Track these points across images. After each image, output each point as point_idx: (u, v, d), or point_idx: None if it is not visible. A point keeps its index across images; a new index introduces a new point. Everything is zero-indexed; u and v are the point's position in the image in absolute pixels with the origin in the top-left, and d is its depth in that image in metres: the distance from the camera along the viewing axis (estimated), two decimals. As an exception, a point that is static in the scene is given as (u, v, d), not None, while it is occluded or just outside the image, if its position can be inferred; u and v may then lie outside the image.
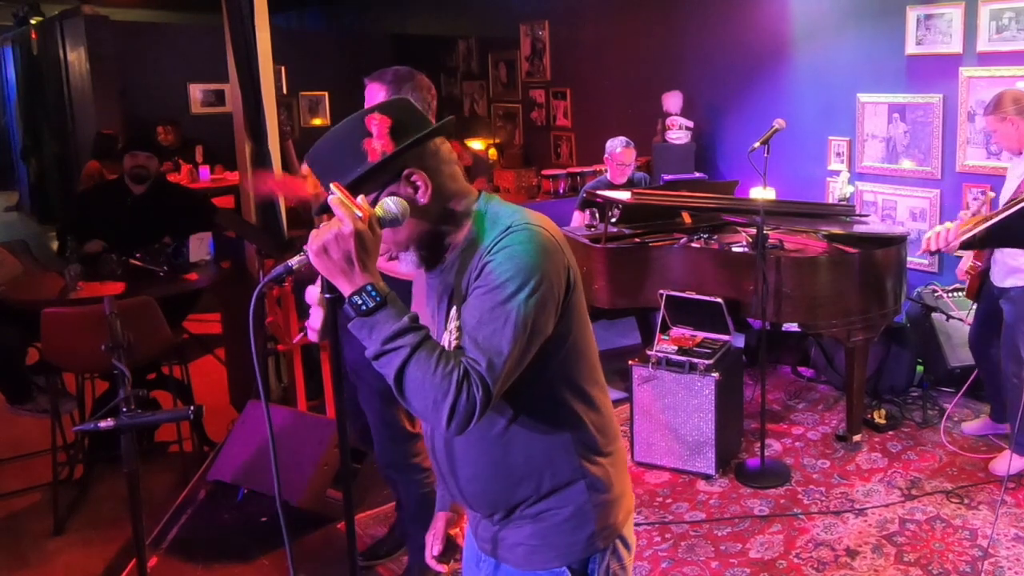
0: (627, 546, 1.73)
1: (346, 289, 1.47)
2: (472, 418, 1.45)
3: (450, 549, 1.86)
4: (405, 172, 1.55)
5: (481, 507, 1.70)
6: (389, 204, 1.52)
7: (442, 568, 1.86)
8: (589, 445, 1.65)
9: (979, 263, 3.98)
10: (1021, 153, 3.89)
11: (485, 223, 1.58)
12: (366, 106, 2.88)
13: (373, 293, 1.46)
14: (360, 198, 1.51)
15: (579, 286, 1.62)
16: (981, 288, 4.06)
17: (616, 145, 5.46)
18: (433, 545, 1.86)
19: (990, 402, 4.32)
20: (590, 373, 1.67)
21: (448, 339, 1.56)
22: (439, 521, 1.89)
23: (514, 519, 1.67)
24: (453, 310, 1.57)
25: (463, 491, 1.71)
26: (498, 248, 1.51)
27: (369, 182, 1.54)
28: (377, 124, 1.52)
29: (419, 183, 1.56)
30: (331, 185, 1.50)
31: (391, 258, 1.64)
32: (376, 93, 2.85)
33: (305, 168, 3.05)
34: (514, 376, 1.50)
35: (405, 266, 1.62)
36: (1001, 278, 3.85)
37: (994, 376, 4.10)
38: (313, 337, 1.60)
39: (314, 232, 1.46)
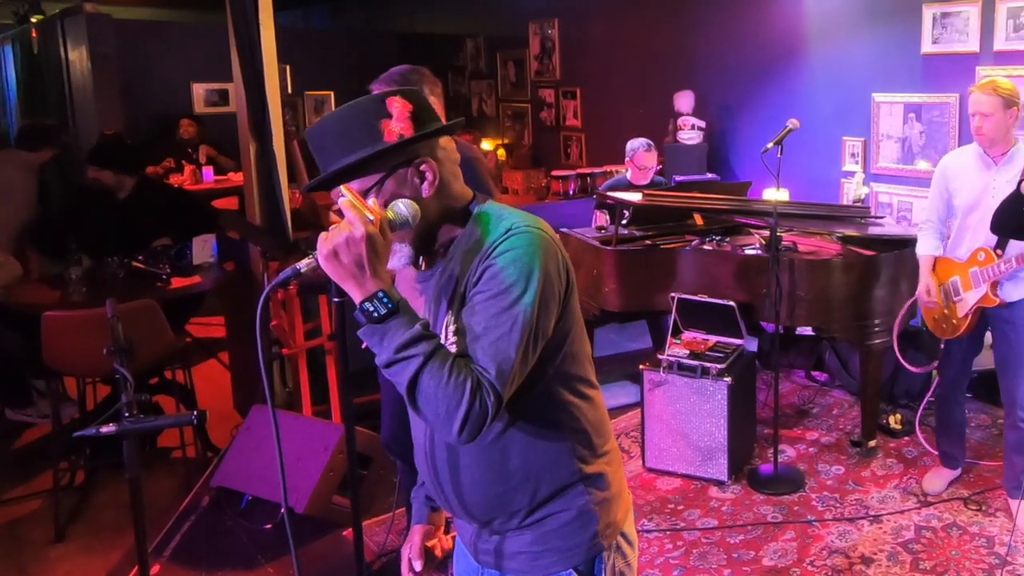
0: (630, 543, 1.73)
1: (357, 295, 1.45)
2: (483, 426, 1.44)
3: (428, 561, 1.85)
4: (417, 160, 1.54)
5: (481, 514, 1.67)
6: (400, 207, 1.51)
7: None
8: (586, 445, 1.64)
9: (995, 295, 3.54)
10: (992, 147, 3.48)
11: (483, 226, 1.56)
12: None
13: (385, 300, 1.44)
14: (371, 200, 1.49)
15: (575, 286, 1.62)
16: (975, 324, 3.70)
17: (637, 147, 5.41)
18: (413, 560, 1.83)
19: (949, 451, 3.95)
20: (585, 372, 1.67)
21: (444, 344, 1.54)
22: (415, 535, 1.86)
23: (514, 526, 1.64)
24: (449, 315, 1.55)
25: (463, 499, 1.66)
26: (499, 251, 1.49)
27: (380, 162, 1.52)
28: (399, 107, 1.51)
29: (428, 174, 1.55)
30: (342, 187, 1.48)
31: None
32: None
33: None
34: (520, 380, 1.49)
35: (396, 260, 1.59)
36: (1011, 294, 3.52)
37: (962, 426, 3.92)
38: None
39: (323, 235, 1.44)
